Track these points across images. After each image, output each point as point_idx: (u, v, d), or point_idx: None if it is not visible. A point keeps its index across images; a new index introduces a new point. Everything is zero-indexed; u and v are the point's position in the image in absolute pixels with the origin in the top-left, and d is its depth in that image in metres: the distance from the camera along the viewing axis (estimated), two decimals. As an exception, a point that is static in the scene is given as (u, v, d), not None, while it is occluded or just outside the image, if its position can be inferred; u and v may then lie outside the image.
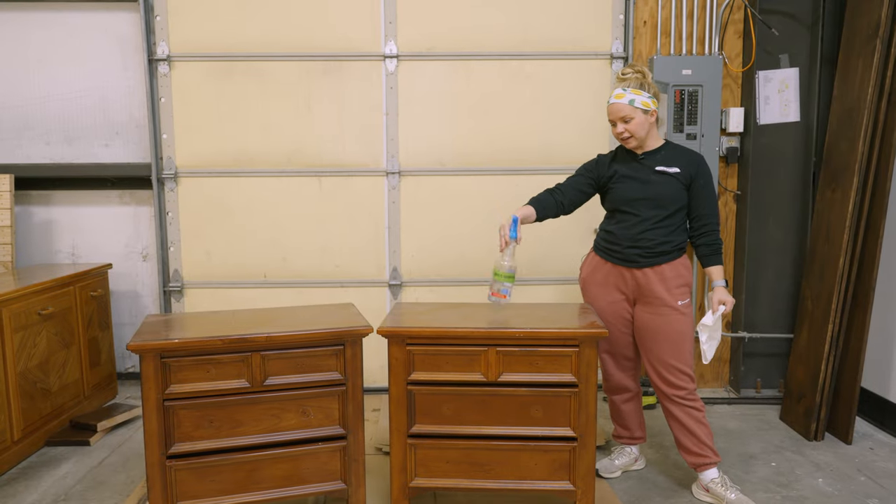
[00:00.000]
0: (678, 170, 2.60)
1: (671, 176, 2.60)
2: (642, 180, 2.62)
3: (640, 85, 2.56)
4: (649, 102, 2.56)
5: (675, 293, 2.62)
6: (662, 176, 2.60)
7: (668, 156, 2.63)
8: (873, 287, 3.12)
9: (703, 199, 2.63)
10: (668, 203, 2.60)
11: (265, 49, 3.67)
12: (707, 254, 2.66)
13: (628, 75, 2.59)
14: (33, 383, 3.10)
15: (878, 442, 3.23)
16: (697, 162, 2.62)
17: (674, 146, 2.67)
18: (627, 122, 2.56)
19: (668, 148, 2.66)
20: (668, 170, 2.60)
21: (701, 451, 2.65)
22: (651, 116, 2.59)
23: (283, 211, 3.78)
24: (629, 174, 2.65)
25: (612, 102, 2.59)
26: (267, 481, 2.36)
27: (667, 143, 2.68)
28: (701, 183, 2.61)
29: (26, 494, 2.75)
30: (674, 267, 2.63)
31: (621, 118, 2.57)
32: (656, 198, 2.60)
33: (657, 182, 2.60)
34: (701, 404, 2.66)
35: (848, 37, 3.36)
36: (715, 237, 2.65)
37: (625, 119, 2.56)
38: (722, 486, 2.62)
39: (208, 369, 2.28)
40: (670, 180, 2.60)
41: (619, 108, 2.57)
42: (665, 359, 2.62)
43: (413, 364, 2.40)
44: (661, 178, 2.60)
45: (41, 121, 3.84)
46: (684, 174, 2.60)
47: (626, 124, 2.56)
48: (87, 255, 3.94)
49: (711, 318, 2.61)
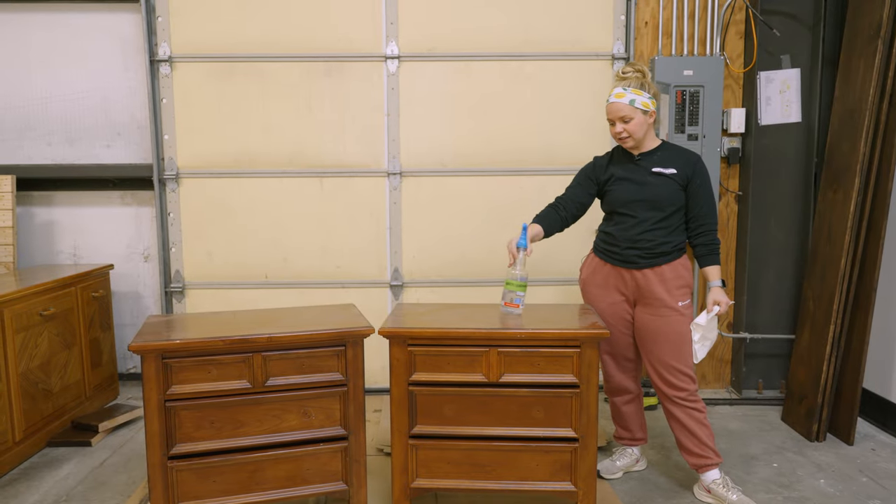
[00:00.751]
0: (675, 171, 2.59)
1: (668, 177, 2.59)
2: (639, 182, 2.61)
3: (641, 85, 2.55)
4: (649, 103, 2.55)
5: (676, 294, 2.62)
6: (659, 177, 2.59)
7: (664, 157, 2.62)
8: (875, 288, 3.12)
9: (700, 200, 2.62)
10: (666, 205, 2.59)
11: (266, 50, 3.68)
12: (704, 254, 2.65)
13: (629, 74, 2.57)
14: (35, 384, 3.11)
15: (880, 443, 3.22)
16: (693, 162, 2.61)
17: (670, 146, 2.67)
18: (626, 122, 2.54)
19: (665, 148, 2.65)
20: (665, 171, 2.59)
21: (702, 451, 2.64)
22: (650, 117, 2.57)
23: (284, 211, 3.78)
24: (625, 176, 2.64)
25: (611, 101, 2.57)
26: (268, 482, 2.36)
27: (663, 143, 2.67)
28: (698, 183, 2.60)
29: (28, 495, 2.76)
30: (674, 268, 2.62)
31: (620, 118, 2.55)
32: (653, 199, 2.59)
33: (654, 184, 2.59)
34: (702, 405, 2.66)
35: (849, 37, 3.36)
36: (712, 237, 2.64)
37: (624, 119, 2.55)
38: (724, 487, 2.61)
39: (210, 370, 2.29)
40: (667, 181, 2.59)
41: (618, 107, 2.55)
42: (666, 360, 2.62)
43: (414, 365, 2.40)
44: (658, 179, 2.59)
45: (43, 121, 3.85)
46: (681, 175, 2.59)
47: (625, 124, 2.55)
48: (88, 255, 3.95)
49: (705, 317, 2.60)
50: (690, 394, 2.63)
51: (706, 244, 2.64)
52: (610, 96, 2.59)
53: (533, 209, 3.69)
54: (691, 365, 2.64)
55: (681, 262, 2.65)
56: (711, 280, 2.66)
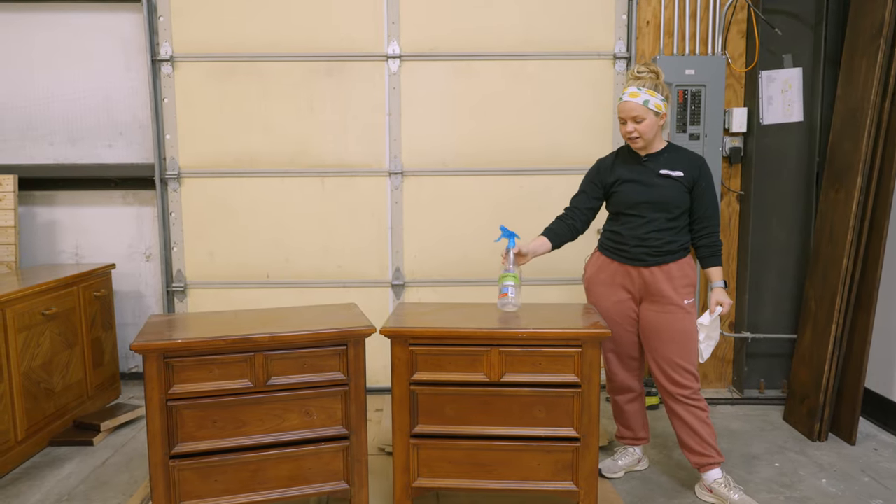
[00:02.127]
0: (682, 173, 2.59)
1: (675, 179, 2.59)
2: (646, 183, 2.61)
3: (655, 86, 2.54)
4: (662, 105, 2.54)
5: (682, 292, 2.63)
6: (666, 179, 2.59)
7: (671, 158, 2.62)
8: (877, 287, 3.11)
9: (704, 202, 2.63)
10: (673, 207, 2.60)
11: (268, 49, 3.68)
12: (708, 255, 2.67)
13: (644, 74, 2.55)
14: (37, 383, 3.11)
15: (882, 442, 3.22)
16: (699, 164, 2.62)
17: (676, 148, 2.67)
18: (639, 122, 2.54)
19: (671, 150, 2.65)
20: (672, 173, 2.59)
21: (705, 450, 2.64)
22: (661, 119, 2.57)
23: (285, 211, 3.78)
24: (632, 178, 2.64)
25: (625, 100, 2.55)
26: (270, 481, 2.36)
27: (669, 144, 2.67)
28: (703, 185, 2.61)
29: (30, 494, 2.76)
30: (680, 266, 2.64)
31: (633, 117, 2.54)
32: (661, 201, 2.59)
33: (661, 185, 2.60)
34: (705, 404, 2.66)
35: (851, 36, 3.35)
36: (715, 238, 2.66)
37: (637, 119, 2.54)
38: (725, 487, 2.61)
39: (211, 369, 2.29)
40: (674, 184, 2.59)
41: (632, 107, 2.53)
42: (671, 357, 2.62)
43: (416, 364, 2.40)
44: (666, 181, 2.59)
45: (45, 121, 3.85)
46: (687, 177, 2.59)
47: (637, 124, 2.54)
48: (90, 255, 3.95)
49: (709, 318, 2.62)
50: (694, 392, 2.64)
51: (710, 245, 2.65)
52: (623, 94, 2.57)
53: (534, 208, 3.71)
54: (695, 363, 2.64)
55: (686, 261, 2.66)
56: (714, 281, 2.67)
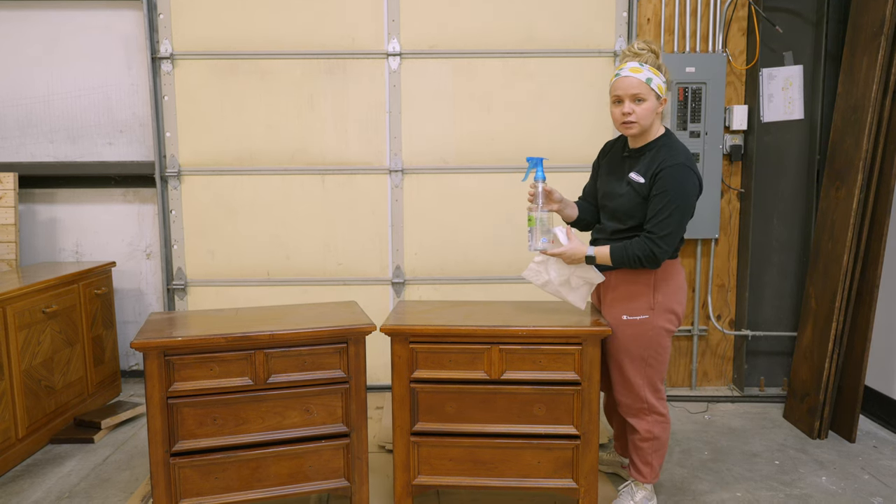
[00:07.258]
0: (643, 180, 2.28)
1: (634, 187, 2.30)
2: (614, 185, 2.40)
3: (658, 67, 2.26)
4: (664, 87, 2.25)
5: (618, 307, 2.39)
6: (629, 186, 2.32)
7: (652, 158, 2.29)
8: (877, 285, 3.11)
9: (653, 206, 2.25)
10: (625, 217, 2.34)
11: (268, 47, 3.68)
12: (608, 242, 2.37)
13: (644, 52, 2.24)
14: (37, 381, 3.11)
15: (882, 440, 3.22)
16: (658, 172, 2.25)
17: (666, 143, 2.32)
18: (638, 102, 2.22)
19: (659, 147, 2.31)
20: (638, 179, 2.30)
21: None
22: (661, 105, 2.27)
23: (286, 209, 3.78)
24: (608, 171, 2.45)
25: (625, 76, 2.21)
26: (271, 479, 2.36)
27: (663, 137, 2.34)
28: (655, 191, 2.25)
29: (31, 492, 2.76)
30: (625, 278, 2.37)
31: (633, 95, 2.22)
32: (614, 209, 2.38)
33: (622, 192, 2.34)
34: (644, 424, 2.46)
35: (852, 34, 3.35)
36: (640, 245, 2.26)
37: (637, 97, 2.22)
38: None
39: (212, 367, 2.29)
40: (631, 192, 2.31)
41: (632, 83, 2.20)
42: (611, 371, 2.51)
43: (416, 362, 2.40)
44: (628, 188, 2.33)
45: (45, 119, 3.85)
46: (647, 185, 2.28)
47: (636, 105, 2.22)
48: (90, 253, 3.95)
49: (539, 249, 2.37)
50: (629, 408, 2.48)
51: (622, 241, 2.33)
52: (622, 70, 2.23)
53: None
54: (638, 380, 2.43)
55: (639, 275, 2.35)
56: (592, 251, 2.34)
